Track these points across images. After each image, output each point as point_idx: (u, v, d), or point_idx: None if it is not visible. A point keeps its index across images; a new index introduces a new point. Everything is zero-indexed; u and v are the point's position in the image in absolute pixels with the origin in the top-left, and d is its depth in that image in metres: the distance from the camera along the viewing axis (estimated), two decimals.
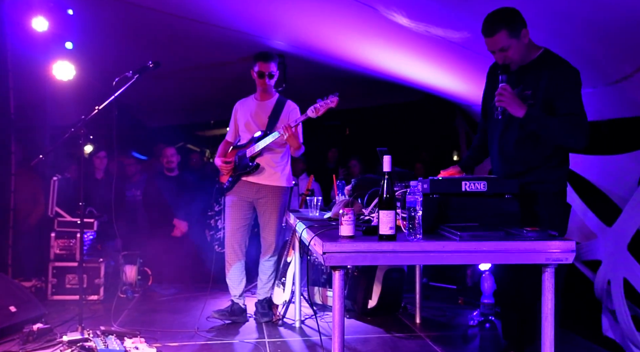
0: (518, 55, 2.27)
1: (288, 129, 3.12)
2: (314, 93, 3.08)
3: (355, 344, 3.02)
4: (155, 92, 6.23)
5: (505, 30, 2.21)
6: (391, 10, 3.06)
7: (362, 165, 5.61)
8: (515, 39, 2.22)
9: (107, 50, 4.73)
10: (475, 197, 2.16)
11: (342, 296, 1.84)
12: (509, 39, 2.22)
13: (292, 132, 3.13)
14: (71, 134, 2.95)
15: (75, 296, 3.80)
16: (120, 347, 2.65)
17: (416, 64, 4.27)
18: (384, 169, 1.95)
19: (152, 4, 3.83)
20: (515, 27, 2.21)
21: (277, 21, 3.93)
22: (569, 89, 2.22)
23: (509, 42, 2.22)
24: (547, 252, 1.89)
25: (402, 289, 3.78)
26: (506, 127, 2.43)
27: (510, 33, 2.21)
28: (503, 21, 2.22)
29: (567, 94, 2.22)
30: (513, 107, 2.23)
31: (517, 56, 2.27)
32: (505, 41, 2.22)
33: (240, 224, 3.42)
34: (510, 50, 2.24)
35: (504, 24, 2.21)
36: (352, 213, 1.95)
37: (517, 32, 2.22)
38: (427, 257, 1.90)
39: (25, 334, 2.91)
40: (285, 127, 3.13)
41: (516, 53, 2.26)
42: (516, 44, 2.23)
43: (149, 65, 3.02)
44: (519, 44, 2.23)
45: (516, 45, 2.23)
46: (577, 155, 3.31)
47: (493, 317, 3.47)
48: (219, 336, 3.16)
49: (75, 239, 4.04)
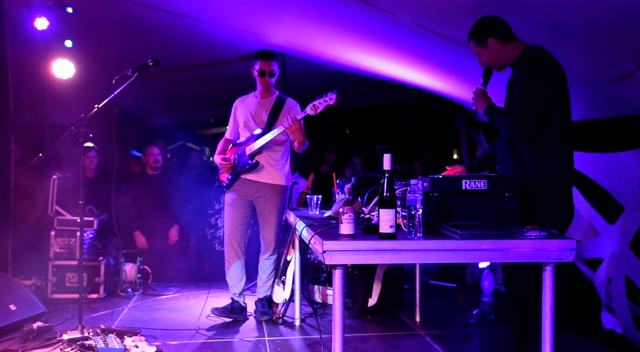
0: (491, 60, 2.49)
1: (295, 122, 3.10)
2: (314, 91, 3.07)
3: (355, 343, 3.02)
4: (155, 90, 6.23)
5: (473, 41, 2.50)
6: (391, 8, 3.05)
7: (364, 163, 5.59)
8: (482, 48, 2.47)
9: (107, 48, 4.73)
10: (475, 196, 2.16)
11: (342, 294, 1.84)
12: (477, 48, 2.49)
13: (298, 126, 3.11)
14: (71, 133, 2.95)
15: (75, 294, 3.80)
16: (120, 345, 2.65)
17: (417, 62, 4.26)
18: (384, 167, 1.95)
19: (151, 2, 3.82)
20: (481, 39, 2.46)
21: (276, 19, 3.92)
22: (517, 80, 2.36)
23: (478, 50, 2.49)
24: (547, 250, 1.89)
25: (402, 288, 3.78)
26: None
27: (477, 43, 2.48)
28: (471, 33, 2.50)
29: (518, 86, 2.35)
30: (478, 105, 2.50)
31: (490, 61, 2.50)
32: (475, 50, 2.51)
33: (240, 222, 3.42)
34: (482, 56, 2.50)
35: (472, 36, 2.50)
36: (352, 211, 1.94)
37: (482, 43, 2.46)
38: (428, 256, 1.91)
39: (25, 332, 2.91)
40: (293, 120, 3.11)
41: (488, 59, 2.49)
42: (484, 52, 2.47)
43: (149, 63, 3.01)
44: (487, 52, 2.46)
45: (484, 52, 2.47)
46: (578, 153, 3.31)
47: (493, 316, 3.47)
48: (219, 334, 3.16)
49: (75, 237, 4.04)
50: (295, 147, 3.31)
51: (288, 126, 3.12)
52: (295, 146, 3.30)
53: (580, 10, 2.39)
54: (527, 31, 2.59)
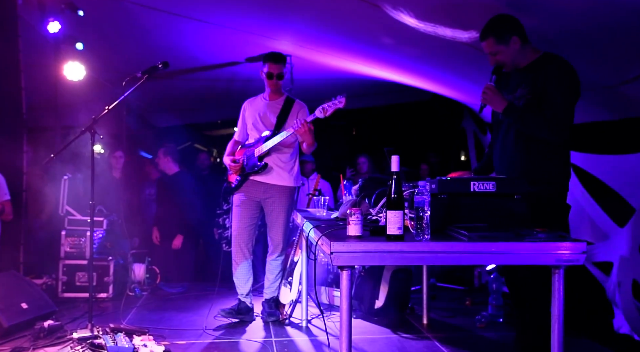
0: (508, 59, 2.43)
1: (305, 124, 3.12)
2: (321, 93, 3.09)
3: (362, 345, 3.03)
4: (163, 92, 6.27)
5: (493, 37, 2.40)
6: (398, 10, 3.06)
7: (371, 163, 5.57)
8: (504, 45, 2.39)
9: (117, 50, 4.78)
10: (484, 198, 2.15)
11: (349, 296, 1.84)
12: (497, 46, 2.40)
13: (307, 127, 3.13)
14: (82, 134, 2.98)
15: (85, 293, 3.85)
16: (129, 344, 2.67)
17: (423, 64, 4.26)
18: (392, 168, 1.95)
19: (160, 6, 3.86)
20: (503, 35, 2.38)
21: (283, 22, 3.94)
22: (555, 84, 2.32)
23: (497, 48, 2.41)
24: (557, 253, 1.88)
25: (409, 290, 3.77)
26: (507, 130, 2.48)
27: (498, 40, 2.39)
28: (491, 29, 2.41)
29: (551, 89, 2.32)
30: (494, 103, 2.41)
31: (507, 60, 2.43)
32: (493, 47, 2.41)
33: (248, 223, 3.43)
34: (499, 55, 2.42)
35: (491, 32, 2.40)
36: (359, 213, 1.95)
37: (505, 40, 2.39)
38: (435, 258, 1.90)
39: (37, 330, 2.95)
40: (303, 122, 3.13)
41: (506, 57, 2.42)
42: (505, 50, 2.40)
43: (158, 65, 3.04)
44: (508, 50, 2.40)
45: (505, 50, 2.40)
46: (589, 155, 3.28)
47: (502, 319, 3.46)
48: (226, 334, 3.18)
49: (85, 237, 4.09)
50: (303, 149, 3.33)
51: (297, 128, 3.13)
52: (303, 148, 3.31)
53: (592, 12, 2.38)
54: (539, 33, 2.58)
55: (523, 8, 2.53)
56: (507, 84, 2.53)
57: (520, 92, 2.42)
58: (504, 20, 2.40)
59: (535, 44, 2.49)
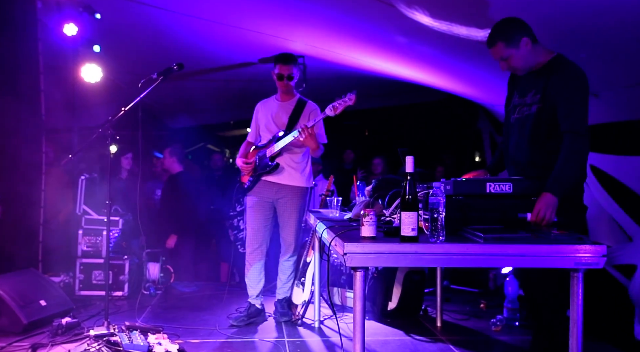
0: (521, 63, 2.35)
1: (305, 130, 3.14)
2: (334, 93, 3.09)
3: (375, 346, 3.01)
4: (178, 93, 6.34)
5: (502, 42, 2.31)
6: (412, 9, 3.04)
7: (386, 164, 5.54)
8: (514, 48, 2.30)
9: (133, 52, 4.84)
10: (500, 199, 2.13)
11: (363, 297, 1.83)
12: (507, 49, 2.31)
13: (308, 133, 3.14)
14: (99, 135, 3.02)
15: (101, 291, 3.91)
16: (144, 342, 2.70)
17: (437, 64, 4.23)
18: (407, 169, 1.94)
19: (175, 7, 3.90)
20: (512, 38, 2.29)
21: (297, 22, 3.95)
22: (567, 94, 2.24)
23: (508, 52, 2.31)
24: (577, 256, 1.84)
25: (422, 292, 3.74)
26: (520, 131, 2.43)
27: (507, 44, 2.30)
28: (499, 33, 2.32)
29: (565, 100, 2.24)
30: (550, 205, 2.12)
31: (519, 64, 2.35)
32: (503, 52, 2.32)
33: (261, 224, 3.44)
34: (511, 59, 2.33)
35: (500, 36, 2.31)
36: (373, 214, 1.94)
37: (515, 43, 2.30)
38: (450, 260, 1.88)
39: (55, 327, 3.00)
40: (303, 128, 3.14)
41: (518, 61, 2.34)
42: (516, 53, 2.31)
43: (173, 67, 3.07)
44: (519, 53, 2.31)
45: (516, 54, 2.31)
46: (609, 156, 3.22)
47: (518, 323, 3.41)
48: (239, 333, 3.19)
49: (101, 236, 4.14)
50: (310, 152, 3.35)
51: (297, 136, 3.17)
52: (310, 152, 3.33)
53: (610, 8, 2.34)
54: (551, 33, 2.54)
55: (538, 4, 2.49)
56: (518, 86, 2.48)
57: (531, 98, 2.37)
58: (511, 22, 2.33)
59: (552, 42, 2.44)
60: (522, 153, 2.41)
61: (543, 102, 2.32)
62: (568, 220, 2.25)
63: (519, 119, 2.44)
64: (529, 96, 2.38)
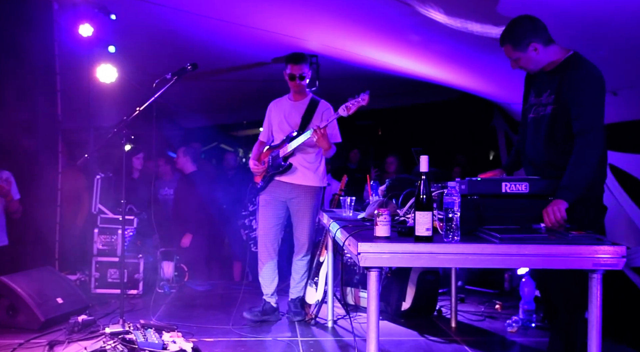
0: (530, 65, 2.33)
1: (317, 130, 3.13)
2: (348, 92, 3.07)
3: (389, 347, 2.99)
4: (191, 93, 6.38)
5: (509, 45, 2.30)
6: (427, 6, 3.01)
7: (399, 163, 5.50)
8: (521, 52, 2.29)
9: (147, 53, 4.88)
10: (516, 199, 2.10)
11: (377, 297, 1.82)
12: (515, 52, 2.30)
13: (320, 133, 3.14)
14: (114, 135, 3.05)
15: (116, 289, 3.95)
16: (158, 340, 2.72)
17: (452, 62, 4.19)
18: (421, 169, 1.92)
19: (189, 7, 3.92)
20: (520, 42, 2.27)
21: (310, 21, 3.94)
22: (578, 94, 2.22)
23: (516, 54, 2.31)
24: (595, 257, 1.81)
25: (436, 292, 3.71)
26: (536, 131, 2.40)
27: (515, 47, 2.29)
28: (508, 36, 2.30)
29: (575, 101, 2.22)
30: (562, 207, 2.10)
31: (529, 65, 2.34)
32: (511, 54, 2.32)
33: (274, 223, 3.45)
34: (520, 61, 2.33)
35: (508, 39, 2.30)
36: (388, 214, 1.93)
37: (522, 47, 2.28)
38: (466, 260, 1.86)
39: (71, 324, 3.04)
40: (315, 129, 3.14)
41: (527, 63, 2.32)
42: (524, 56, 2.29)
43: (188, 67, 3.08)
44: (527, 56, 2.29)
45: (524, 57, 2.30)
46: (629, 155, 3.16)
47: (534, 324, 3.36)
48: (252, 332, 3.20)
49: (116, 235, 4.19)
50: (323, 153, 3.34)
51: (310, 137, 3.17)
52: (322, 152, 3.32)
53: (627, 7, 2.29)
54: (566, 31, 2.50)
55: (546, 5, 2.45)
56: (534, 85, 2.45)
57: (546, 98, 2.34)
58: (521, 24, 2.28)
59: (569, 38, 2.40)
60: (539, 153, 2.38)
61: (557, 103, 2.28)
62: (587, 220, 2.21)
63: (534, 119, 2.41)
64: (544, 96, 2.36)
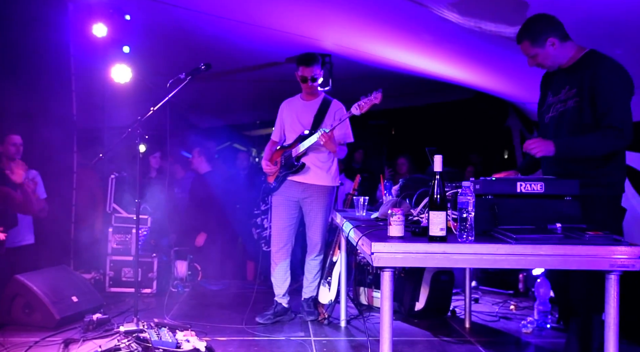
0: (548, 61, 2.36)
1: (324, 135, 3.14)
2: (361, 92, 3.06)
3: (402, 347, 2.98)
4: (205, 93, 6.41)
5: (527, 41, 2.34)
6: (441, 7, 2.99)
7: (411, 163, 5.47)
8: (539, 48, 2.33)
9: (161, 53, 4.92)
10: (531, 199, 2.07)
11: (391, 297, 1.81)
12: (533, 48, 2.34)
13: (328, 137, 3.14)
14: (128, 134, 3.08)
15: (130, 288, 3.99)
16: (172, 339, 2.73)
17: (466, 61, 4.15)
18: (435, 168, 1.91)
19: (203, 8, 3.94)
20: (538, 38, 2.31)
21: (324, 21, 3.94)
22: (606, 83, 2.22)
23: (534, 50, 2.34)
24: (612, 258, 1.78)
25: (450, 292, 3.68)
26: (557, 129, 2.39)
27: (533, 43, 2.33)
28: (525, 31, 2.35)
29: (601, 88, 2.22)
30: (545, 148, 2.25)
31: (546, 62, 2.36)
32: (529, 50, 2.35)
33: (287, 223, 3.45)
34: (537, 57, 2.36)
35: (526, 35, 2.34)
36: (401, 213, 1.91)
37: (540, 42, 2.31)
38: (480, 260, 1.84)
39: (86, 323, 3.07)
40: (322, 134, 3.14)
41: (545, 59, 2.35)
42: (542, 52, 2.33)
43: (201, 67, 3.10)
44: (545, 51, 2.33)
45: (542, 52, 2.33)
46: None
47: (549, 325, 3.31)
48: (265, 332, 3.21)
49: (130, 234, 4.23)
50: (333, 154, 3.34)
51: (317, 140, 3.17)
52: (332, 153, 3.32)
53: None
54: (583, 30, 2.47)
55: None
56: (551, 85, 2.44)
57: (565, 94, 2.34)
58: (538, 21, 2.34)
59: (584, 37, 2.38)
60: None
61: (580, 95, 2.27)
62: (609, 221, 2.18)
63: (554, 117, 2.40)
64: (563, 92, 2.35)
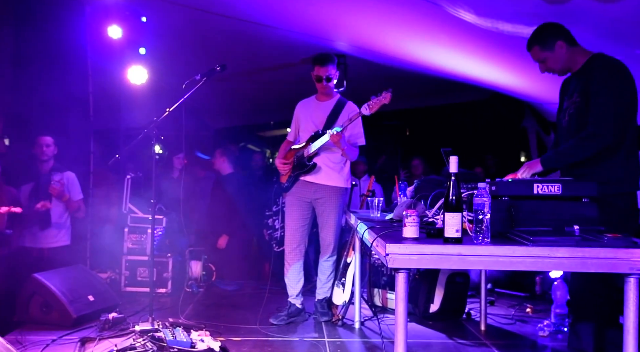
0: (558, 65, 2.45)
1: (334, 136, 3.14)
2: (375, 93, 3.05)
3: (417, 349, 2.95)
4: (220, 94, 6.45)
5: (537, 45, 2.45)
6: (457, 7, 2.96)
7: (426, 165, 5.44)
8: (549, 51, 2.43)
9: (177, 54, 4.96)
10: (548, 201, 2.04)
11: (405, 299, 1.80)
12: (542, 52, 2.44)
13: (337, 137, 3.14)
14: (144, 135, 3.11)
15: (145, 288, 4.03)
16: (187, 339, 2.75)
17: (483, 62, 4.10)
18: (450, 170, 1.89)
19: (218, 9, 3.97)
20: (547, 42, 2.42)
21: (339, 22, 3.93)
22: (597, 84, 2.29)
23: (544, 55, 2.44)
24: (632, 260, 1.74)
25: (466, 294, 3.64)
26: (568, 132, 2.44)
27: (542, 47, 2.43)
28: (535, 37, 2.46)
29: (592, 93, 2.29)
30: (532, 168, 2.42)
31: (556, 65, 2.45)
32: (539, 54, 2.46)
33: (300, 224, 3.45)
34: (547, 61, 2.45)
35: (535, 41, 2.46)
36: (416, 214, 1.90)
37: (549, 46, 2.42)
38: (496, 262, 1.82)
39: (102, 322, 3.11)
40: (332, 135, 3.15)
41: (554, 63, 2.44)
42: (551, 55, 2.43)
43: (217, 68, 3.12)
44: (555, 55, 2.42)
45: (551, 56, 2.43)
46: None
47: (567, 329, 3.26)
48: (279, 332, 3.21)
49: (146, 234, 4.27)
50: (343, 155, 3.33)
51: (328, 140, 3.19)
52: (342, 154, 3.32)
53: None
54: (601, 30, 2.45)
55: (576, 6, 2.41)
56: (567, 91, 2.51)
57: (574, 97, 2.40)
58: (546, 27, 2.45)
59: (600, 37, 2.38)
60: None
61: (581, 98, 2.34)
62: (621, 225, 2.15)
63: (567, 122, 2.48)
64: (574, 96, 2.41)
